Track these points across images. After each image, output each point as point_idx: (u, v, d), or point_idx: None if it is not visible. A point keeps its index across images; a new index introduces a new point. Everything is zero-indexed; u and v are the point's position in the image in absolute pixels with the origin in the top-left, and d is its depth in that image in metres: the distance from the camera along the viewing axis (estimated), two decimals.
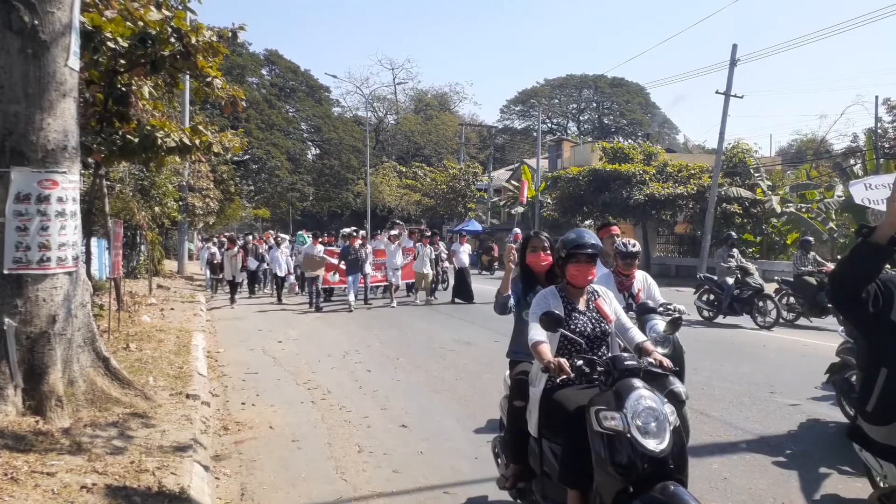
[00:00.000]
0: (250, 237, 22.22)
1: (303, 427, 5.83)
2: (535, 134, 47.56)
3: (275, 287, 18.10)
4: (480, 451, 5.17)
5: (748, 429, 5.76)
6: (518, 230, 18.97)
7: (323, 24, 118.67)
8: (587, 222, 32.05)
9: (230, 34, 7.74)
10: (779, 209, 27.14)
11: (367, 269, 16.11)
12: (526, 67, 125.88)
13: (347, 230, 21.20)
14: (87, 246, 10.08)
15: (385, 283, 17.29)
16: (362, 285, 16.43)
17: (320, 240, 18.41)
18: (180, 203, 20.71)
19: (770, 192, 28.43)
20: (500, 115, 77.22)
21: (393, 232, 17.33)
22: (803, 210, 27.72)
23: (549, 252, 4.12)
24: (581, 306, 3.56)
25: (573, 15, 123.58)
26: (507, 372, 4.27)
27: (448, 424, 5.92)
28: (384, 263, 16.90)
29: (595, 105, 77.09)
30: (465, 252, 17.22)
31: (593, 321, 3.50)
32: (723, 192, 26.30)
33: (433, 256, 17.17)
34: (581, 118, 78.08)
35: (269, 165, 52.28)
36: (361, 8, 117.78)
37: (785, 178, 34.36)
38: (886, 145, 28.36)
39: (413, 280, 17.19)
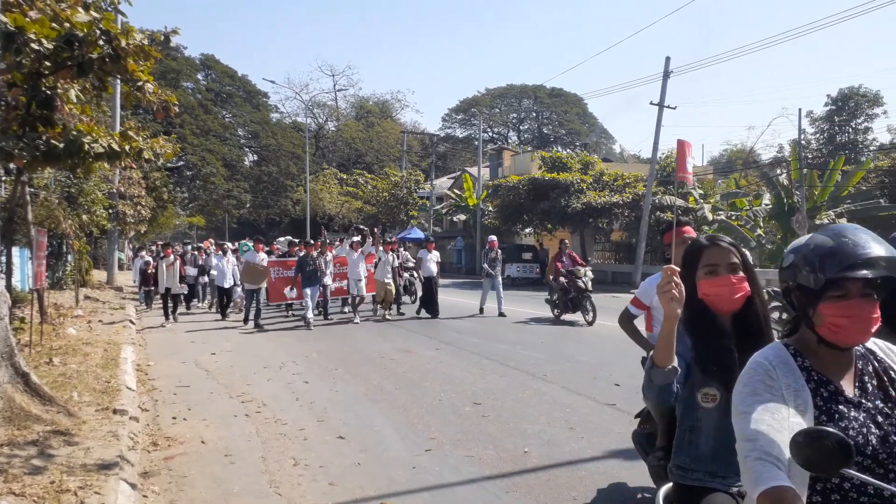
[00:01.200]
0: (189, 245, 20.38)
1: (236, 441, 5.68)
2: (476, 142, 47.95)
3: (218, 301, 15.91)
4: (418, 460, 5.16)
5: None
6: (494, 237, 15.92)
7: (261, 30, 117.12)
8: (527, 230, 32.51)
9: (162, 38, 7.52)
10: (710, 217, 28.13)
11: (328, 280, 14.75)
12: (467, 76, 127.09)
13: (283, 239, 20.18)
14: (8, 256, 9.61)
15: (346, 296, 15.67)
16: (321, 299, 14.73)
17: (276, 248, 17.11)
18: (110, 211, 20.01)
19: (702, 201, 29.45)
20: (442, 123, 77.89)
21: (355, 238, 15.52)
22: (733, 218, 28.81)
23: (742, 274, 2.39)
24: (849, 389, 1.81)
25: (513, 25, 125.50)
26: (662, 499, 2.42)
27: (387, 434, 5.87)
28: (346, 273, 15.27)
29: (535, 115, 78.43)
30: (432, 260, 15.49)
31: (878, 419, 1.74)
32: (657, 201, 27.08)
33: (396, 264, 15.65)
34: (521, 128, 79.29)
35: (204, 172, 51.12)
36: (301, 14, 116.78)
37: (716, 187, 35.63)
38: (810, 156, 29.81)
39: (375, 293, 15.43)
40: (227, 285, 15.37)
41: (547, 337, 12.11)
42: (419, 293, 16.54)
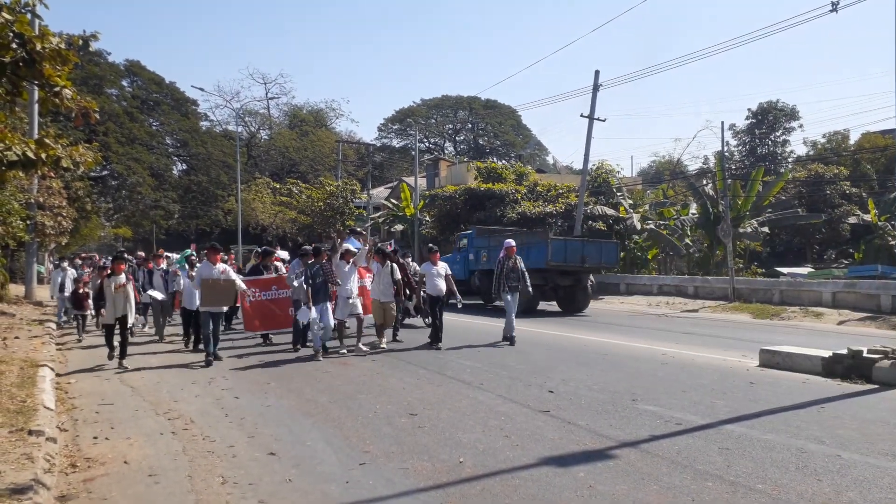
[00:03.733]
0: (134, 260, 16.18)
1: (162, 460, 5.46)
2: (412, 152, 48.01)
3: (184, 327, 12.63)
4: (352, 474, 5.07)
5: (612, 436, 6.01)
6: (512, 242, 13.02)
7: (190, 37, 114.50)
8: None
9: (81, 42, 7.25)
10: (639, 226, 28.94)
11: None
12: (402, 87, 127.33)
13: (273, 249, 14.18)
14: None
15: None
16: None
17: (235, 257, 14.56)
18: (28, 222, 19.09)
19: (631, 210, 30.28)
20: (378, 133, 77.67)
21: (349, 245, 11.90)
22: (662, 227, 29.67)
23: None
24: None
25: (448, 36, 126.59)
26: None
27: (319, 449, 5.76)
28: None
29: (470, 126, 79.14)
30: (439, 274, 12.24)
31: None
32: (588, 211, 27.69)
33: (398, 278, 12.36)
34: (457, 138, 79.87)
35: (130, 181, 49.31)
36: (231, 21, 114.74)
37: (645, 197, 36.68)
38: (733, 167, 31.02)
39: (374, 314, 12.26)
40: (193, 307, 11.79)
41: None
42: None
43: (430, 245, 13.17)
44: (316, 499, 4.59)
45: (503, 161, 52.74)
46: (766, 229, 30.14)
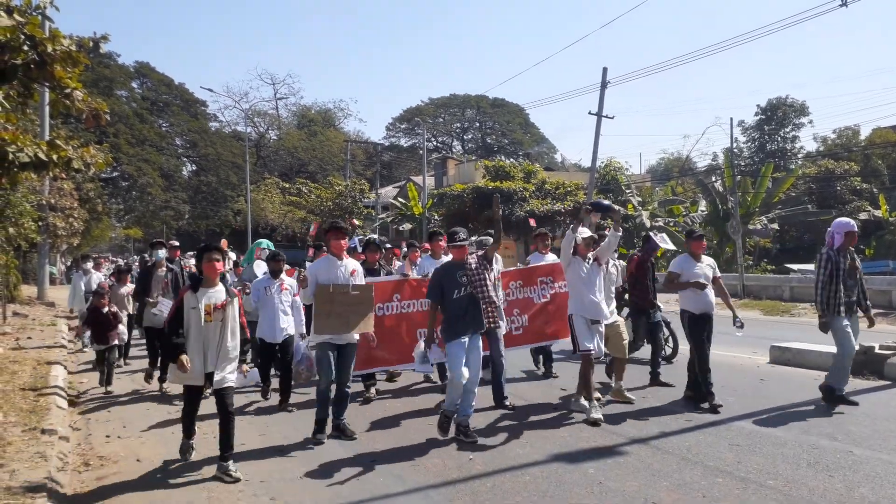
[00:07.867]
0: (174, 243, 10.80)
1: (173, 458, 5.50)
2: (420, 151, 48.05)
3: (259, 368, 7.11)
4: (363, 471, 5.09)
5: (622, 433, 6.00)
6: (850, 222, 7.10)
7: (199, 38, 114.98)
8: (472, 238, 32.74)
9: (92, 44, 7.28)
10: (648, 223, 28.84)
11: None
12: (410, 86, 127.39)
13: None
14: None
15: (534, 345, 8.71)
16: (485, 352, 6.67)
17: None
18: (39, 223, 19.20)
19: (640, 208, 30.18)
20: (386, 132, 77.70)
21: (584, 232, 6.81)
22: (671, 224, 29.58)
23: None
24: None
25: (455, 35, 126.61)
26: None
27: (330, 446, 5.78)
28: (527, 300, 8.50)
29: (478, 124, 79.05)
30: (706, 276, 7.21)
31: None
32: None
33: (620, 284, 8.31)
34: (465, 137, 79.79)
35: (140, 182, 49.59)
36: (239, 22, 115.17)
37: (654, 195, 36.55)
38: (742, 164, 30.88)
39: (548, 342, 8.65)
40: (279, 337, 7.43)
41: None
42: (671, 344, 9.32)
43: (693, 230, 7.67)
44: (327, 496, 4.61)
45: (511, 159, 52.68)
46: (775, 226, 29.99)
